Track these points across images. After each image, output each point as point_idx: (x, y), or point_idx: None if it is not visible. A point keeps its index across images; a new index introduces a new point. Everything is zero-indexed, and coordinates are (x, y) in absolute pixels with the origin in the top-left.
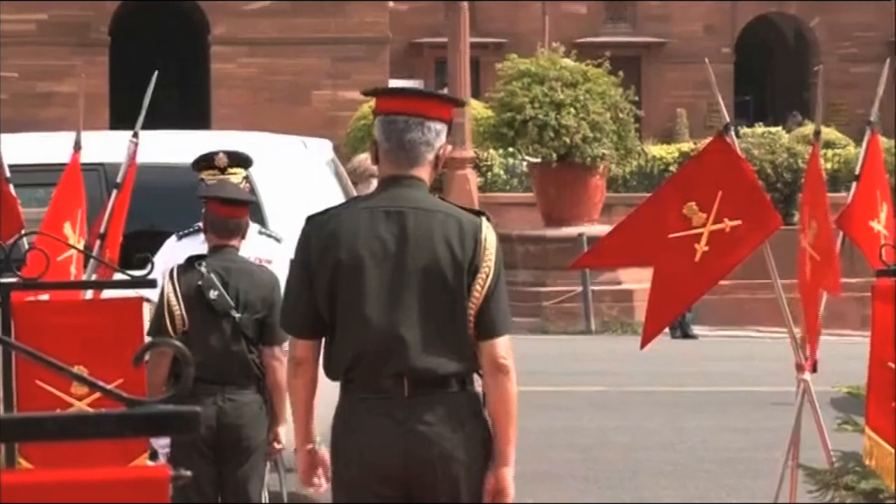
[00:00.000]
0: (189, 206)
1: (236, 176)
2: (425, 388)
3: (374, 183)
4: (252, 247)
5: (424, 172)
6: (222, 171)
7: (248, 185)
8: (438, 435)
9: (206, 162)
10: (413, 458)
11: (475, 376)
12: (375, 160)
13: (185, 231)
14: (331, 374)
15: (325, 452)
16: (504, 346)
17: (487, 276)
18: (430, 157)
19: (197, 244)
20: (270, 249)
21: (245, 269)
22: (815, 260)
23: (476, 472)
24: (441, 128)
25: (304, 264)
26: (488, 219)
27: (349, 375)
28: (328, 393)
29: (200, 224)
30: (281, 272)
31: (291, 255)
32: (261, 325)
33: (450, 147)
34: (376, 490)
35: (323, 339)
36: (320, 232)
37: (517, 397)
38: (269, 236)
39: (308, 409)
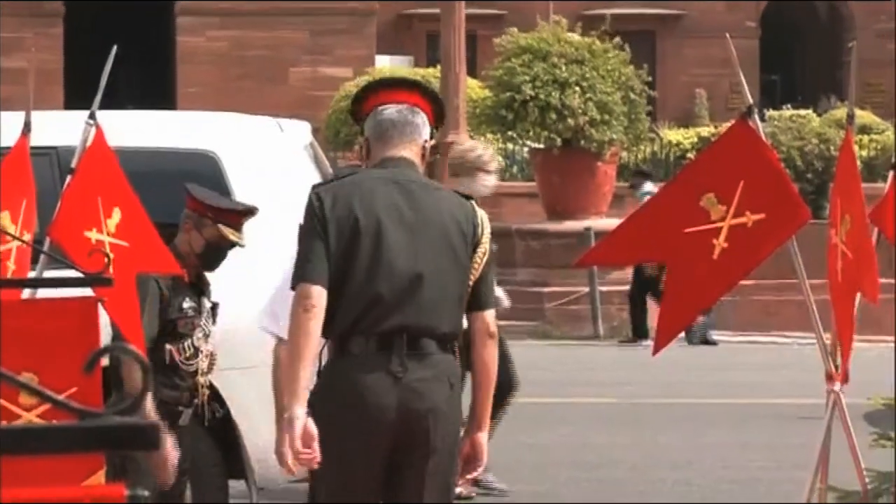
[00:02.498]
0: (143, 195)
1: None
2: (421, 346)
3: (482, 176)
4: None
5: (416, 156)
6: None
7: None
8: (431, 390)
9: None
10: (408, 411)
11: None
12: (367, 155)
13: None
14: (334, 327)
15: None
16: (493, 317)
17: (485, 254)
18: (420, 141)
19: None
20: None
21: None
22: (848, 258)
23: (457, 430)
24: (426, 120)
25: (317, 223)
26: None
27: (356, 327)
28: None
29: None
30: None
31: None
32: None
33: (433, 141)
34: (369, 439)
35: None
36: (334, 194)
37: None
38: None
39: (312, 358)
